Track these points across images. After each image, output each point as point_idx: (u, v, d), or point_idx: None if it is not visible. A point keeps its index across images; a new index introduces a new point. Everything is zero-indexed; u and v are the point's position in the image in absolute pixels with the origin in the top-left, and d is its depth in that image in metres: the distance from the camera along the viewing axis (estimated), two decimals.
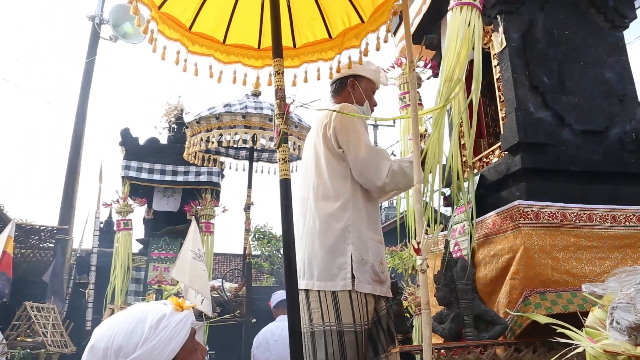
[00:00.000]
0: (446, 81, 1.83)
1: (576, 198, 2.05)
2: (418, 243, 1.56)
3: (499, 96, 2.41)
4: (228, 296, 3.76)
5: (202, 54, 2.25)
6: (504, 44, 2.31)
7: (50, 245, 6.53)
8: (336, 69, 2.29)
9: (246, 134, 4.24)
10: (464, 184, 2.41)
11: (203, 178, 6.31)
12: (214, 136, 4.23)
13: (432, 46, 3.15)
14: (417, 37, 2.87)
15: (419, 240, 1.56)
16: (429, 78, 3.22)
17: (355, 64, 2.27)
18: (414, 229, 2.73)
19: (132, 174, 6.12)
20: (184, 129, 4.89)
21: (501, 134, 2.29)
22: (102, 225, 7.07)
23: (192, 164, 5.00)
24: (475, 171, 2.51)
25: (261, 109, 4.36)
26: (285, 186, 1.72)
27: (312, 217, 2.10)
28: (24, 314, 4.59)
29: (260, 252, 15.15)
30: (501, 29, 2.33)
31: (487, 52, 2.52)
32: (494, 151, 2.45)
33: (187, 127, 4.52)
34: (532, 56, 2.29)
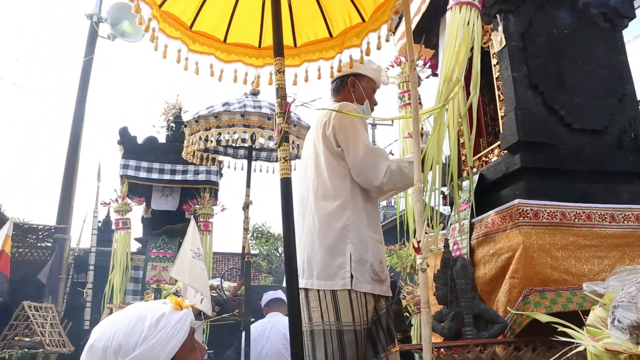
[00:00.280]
0: (445, 81, 1.83)
1: (575, 197, 2.06)
2: (418, 242, 1.56)
3: (498, 95, 2.42)
4: (227, 295, 3.75)
5: (202, 52, 2.25)
6: (504, 43, 2.31)
7: (48, 244, 6.50)
8: (337, 68, 2.29)
9: (245, 132, 4.23)
10: (464, 183, 2.42)
11: (201, 177, 6.30)
12: (213, 135, 4.22)
13: (432, 45, 3.15)
14: (416, 36, 2.87)
15: (419, 239, 1.57)
16: (428, 77, 3.22)
17: (357, 63, 2.27)
18: (413, 228, 2.74)
19: (131, 172, 6.10)
20: (182, 127, 4.88)
21: (500, 133, 2.29)
22: (100, 225, 7.05)
23: (191, 162, 4.99)
24: (475, 170, 2.52)
25: (260, 107, 4.35)
26: (286, 185, 1.71)
27: (311, 216, 2.10)
28: (22, 313, 4.57)
29: (259, 251, 15.16)
30: (501, 28, 2.34)
31: (486, 51, 2.52)
32: (493, 150, 2.46)
33: (185, 126, 4.51)
34: (532, 55, 2.29)
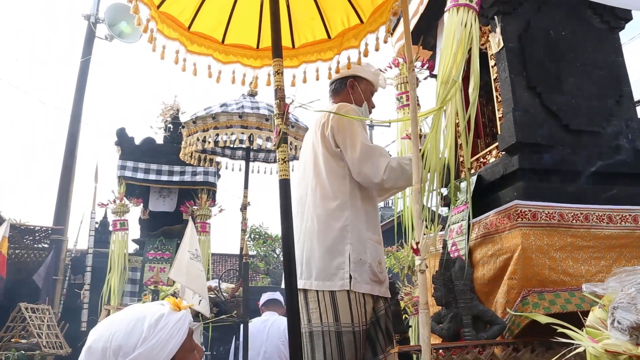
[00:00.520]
0: (443, 83, 1.84)
1: (573, 198, 2.07)
2: (417, 243, 1.56)
3: (496, 96, 2.42)
4: (225, 296, 3.74)
5: (200, 53, 2.25)
6: (501, 44, 2.32)
7: (45, 245, 6.47)
8: (335, 69, 2.29)
9: (243, 133, 4.23)
10: (462, 184, 2.42)
11: (199, 178, 6.29)
12: (211, 136, 4.21)
13: (429, 46, 3.16)
14: (414, 38, 2.88)
15: (417, 240, 1.57)
16: (426, 78, 3.23)
17: (355, 65, 2.27)
18: (411, 229, 2.74)
19: (128, 173, 6.08)
20: (180, 128, 4.87)
21: (498, 134, 2.30)
22: (98, 226, 7.03)
23: (188, 164, 4.98)
24: (473, 171, 2.52)
25: (258, 108, 4.35)
26: (285, 186, 1.71)
27: (310, 217, 2.10)
28: (19, 315, 4.55)
29: (256, 252, 15.13)
30: (498, 29, 2.34)
31: (484, 53, 2.53)
32: (491, 151, 2.46)
33: (183, 127, 4.50)
34: (529, 57, 2.30)
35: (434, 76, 3.03)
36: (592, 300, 1.33)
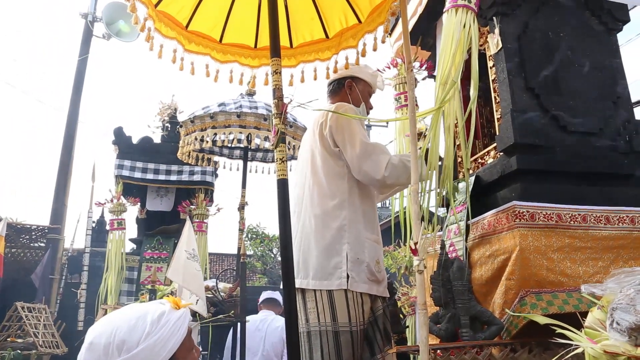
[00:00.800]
0: (442, 83, 1.84)
1: (571, 199, 2.07)
2: (415, 244, 1.56)
3: (494, 97, 2.43)
4: (222, 296, 3.74)
5: (198, 52, 2.24)
6: (500, 45, 2.32)
7: (41, 244, 6.45)
8: (333, 69, 2.29)
9: (241, 133, 4.22)
10: (460, 184, 2.42)
11: (197, 177, 6.27)
12: (209, 135, 4.20)
13: (428, 47, 3.16)
14: (412, 38, 2.88)
15: (416, 240, 1.56)
16: (424, 79, 3.23)
17: (353, 66, 2.27)
18: (409, 229, 2.73)
19: (125, 173, 6.07)
20: (177, 128, 4.86)
21: (497, 135, 2.30)
22: (95, 225, 7.00)
23: (186, 163, 4.97)
24: (471, 172, 2.52)
25: (256, 108, 4.34)
26: (283, 186, 1.71)
27: (307, 216, 2.10)
28: (15, 314, 4.53)
29: (253, 252, 15.11)
30: (497, 30, 2.34)
31: (482, 54, 2.53)
32: (489, 152, 2.47)
33: (181, 126, 4.49)
34: (528, 58, 2.30)
35: (433, 77, 3.03)
36: (590, 301, 1.33)
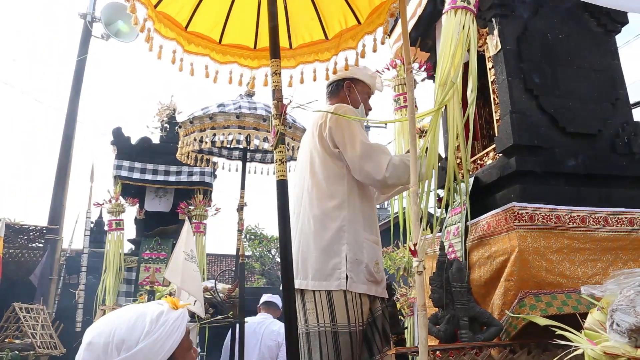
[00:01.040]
0: (441, 85, 1.84)
1: (570, 200, 2.07)
2: (414, 245, 1.56)
3: (493, 99, 2.43)
4: (221, 297, 3.73)
5: (198, 53, 2.24)
6: (499, 47, 2.32)
7: (39, 245, 6.43)
8: (332, 70, 2.29)
9: (240, 134, 4.22)
10: (459, 185, 2.42)
11: (195, 178, 6.27)
12: (208, 136, 4.20)
13: (427, 48, 3.16)
14: (411, 40, 2.88)
15: (415, 241, 1.56)
16: (424, 80, 3.23)
17: (353, 68, 2.27)
18: (409, 230, 2.74)
19: (124, 173, 6.06)
20: (176, 128, 4.86)
21: (496, 136, 2.30)
22: (93, 225, 6.99)
23: (185, 164, 4.97)
24: (470, 173, 2.52)
25: (255, 109, 4.34)
26: (282, 187, 1.71)
27: (306, 217, 2.10)
28: (13, 315, 4.52)
29: (252, 252, 15.11)
30: (496, 32, 2.35)
31: (481, 55, 2.53)
32: (488, 153, 2.47)
33: (180, 126, 4.49)
34: (527, 59, 2.30)
35: (432, 78, 3.03)
36: (589, 303, 1.33)
